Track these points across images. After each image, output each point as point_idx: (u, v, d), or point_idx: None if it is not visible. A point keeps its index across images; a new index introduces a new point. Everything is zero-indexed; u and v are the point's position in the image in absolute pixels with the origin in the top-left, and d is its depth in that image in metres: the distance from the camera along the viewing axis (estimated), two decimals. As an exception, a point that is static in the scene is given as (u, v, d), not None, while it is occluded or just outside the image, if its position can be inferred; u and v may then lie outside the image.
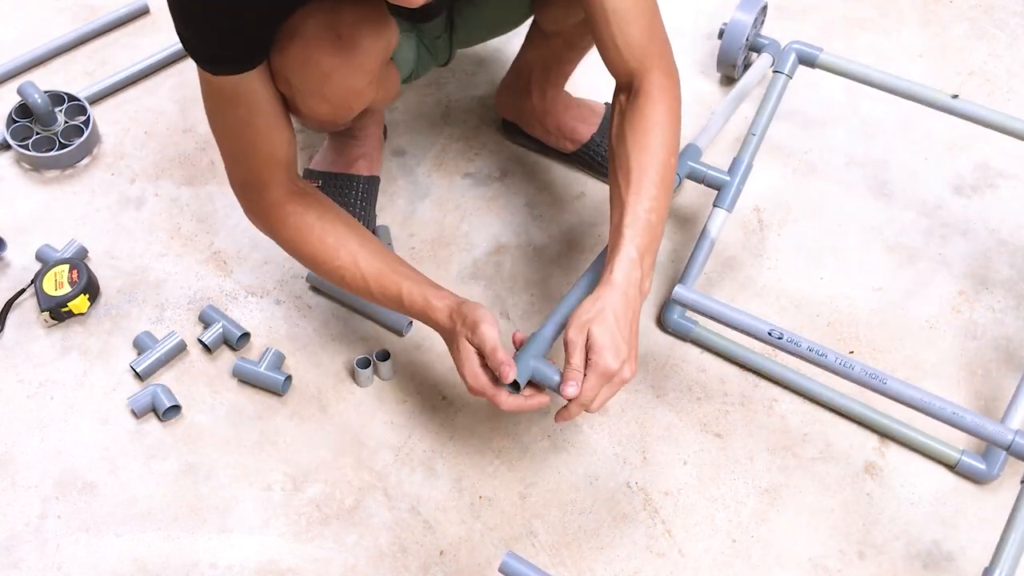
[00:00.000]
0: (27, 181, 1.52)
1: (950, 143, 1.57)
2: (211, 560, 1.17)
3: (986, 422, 1.06)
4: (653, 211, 1.09)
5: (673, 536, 1.19)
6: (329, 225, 1.15)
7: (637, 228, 1.08)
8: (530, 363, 1.08)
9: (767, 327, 1.14)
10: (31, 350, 1.33)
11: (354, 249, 1.15)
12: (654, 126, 1.12)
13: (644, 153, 1.11)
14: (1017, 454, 1.06)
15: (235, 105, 1.09)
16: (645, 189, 1.09)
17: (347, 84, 1.12)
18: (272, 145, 1.12)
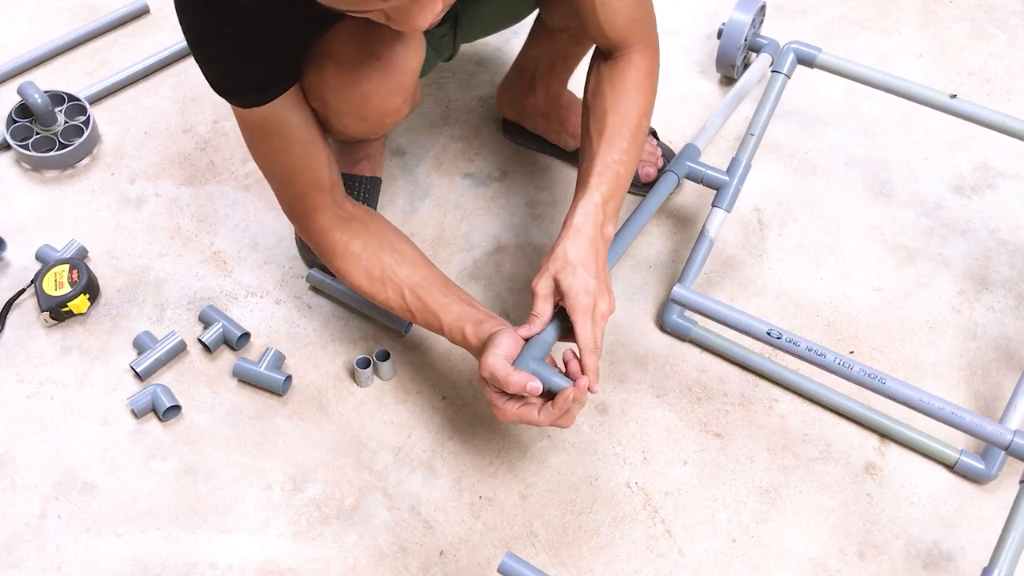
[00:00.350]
0: (27, 181, 1.52)
1: (950, 143, 1.57)
2: (211, 560, 1.17)
3: (985, 422, 1.06)
4: (622, 163, 1.12)
5: (673, 536, 1.19)
6: (374, 257, 1.17)
7: (604, 176, 1.11)
8: (530, 365, 1.07)
9: (765, 327, 1.14)
10: (31, 350, 1.33)
11: (400, 282, 1.16)
12: (632, 88, 1.15)
13: (619, 113, 1.14)
14: (1016, 454, 1.06)
15: (268, 135, 1.10)
16: (617, 143, 1.12)
17: (385, 104, 1.13)
18: (311, 171, 1.14)
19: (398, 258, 1.17)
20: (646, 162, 1.46)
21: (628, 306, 1.38)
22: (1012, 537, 1.00)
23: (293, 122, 1.09)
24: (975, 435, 1.07)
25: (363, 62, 1.07)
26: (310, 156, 1.13)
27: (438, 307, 1.14)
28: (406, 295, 1.16)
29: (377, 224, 1.20)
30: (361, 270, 1.17)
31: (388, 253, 1.17)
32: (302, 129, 1.10)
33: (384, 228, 1.21)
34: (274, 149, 1.12)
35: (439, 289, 1.16)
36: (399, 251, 1.18)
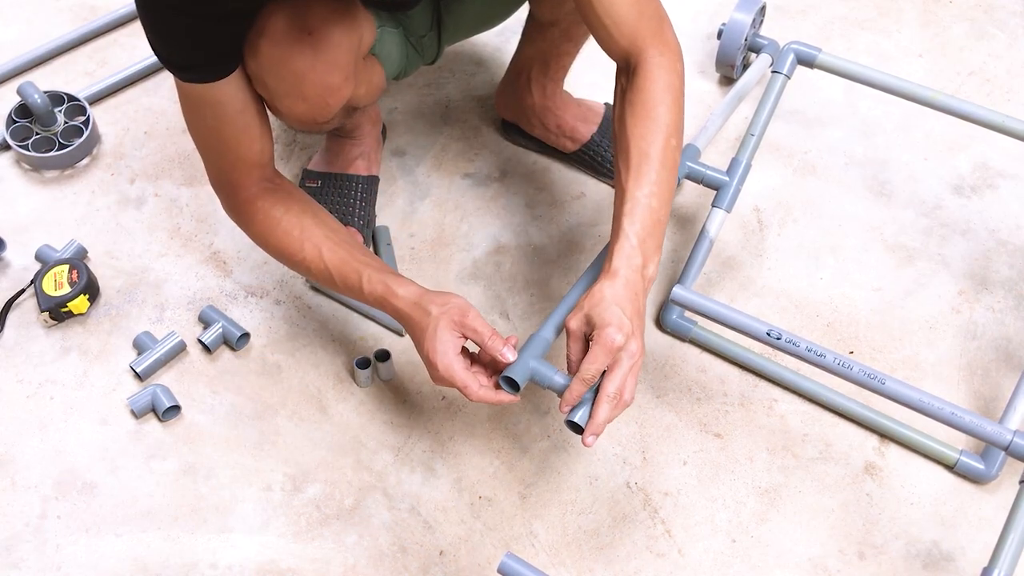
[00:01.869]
0: (27, 181, 1.52)
1: (950, 143, 1.57)
2: (211, 560, 1.17)
3: (984, 422, 1.06)
4: (654, 196, 1.07)
5: (673, 536, 1.19)
6: (295, 219, 1.15)
7: (636, 215, 1.06)
8: (529, 363, 1.07)
9: (765, 327, 1.14)
10: (31, 350, 1.33)
11: (318, 241, 1.14)
12: (653, 107, 1.10)
13: (644, 137, 1.09)
14: (1016, 454, 1.06)
15: (203, 111, 1.10)
16: (645, 174, 1.07)
17: (322, 81, 1.09)
18: (241, 149, 1.13)
19: (319, 222, 1.16)
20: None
21: (628, 306, 1.38)
22: (1012, 537, 1.00)
23: (229, 104, 1.08)
24: (975, 435, 1.07)
25: (296, 39, 1.05)
26: (241, 137, 1.12)
27: (357, 262, 1.13)
28: (324, 252, 1.14)
29: (301, 195, 1.19)
30: (281, 231, 1.15)
31: (310, 217, 1.16)
32: (238, 112, 1.09)
33: (309, 200, 1.19)
34: (206, 125, 1.12)
35: (360, 250, 1.15)
36: (320, 217, 1.17)
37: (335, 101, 1.13)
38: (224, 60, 1.05)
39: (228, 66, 1.05)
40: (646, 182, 1.07)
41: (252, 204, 1.16)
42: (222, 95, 1.07)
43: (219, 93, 1.07)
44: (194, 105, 1.10)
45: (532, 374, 1.07)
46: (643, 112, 1.09)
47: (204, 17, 0.99)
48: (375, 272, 1.12)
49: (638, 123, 1.09)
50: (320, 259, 1.14)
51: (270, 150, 1.17)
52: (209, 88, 1.06)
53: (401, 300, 1.10)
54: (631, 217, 1.06)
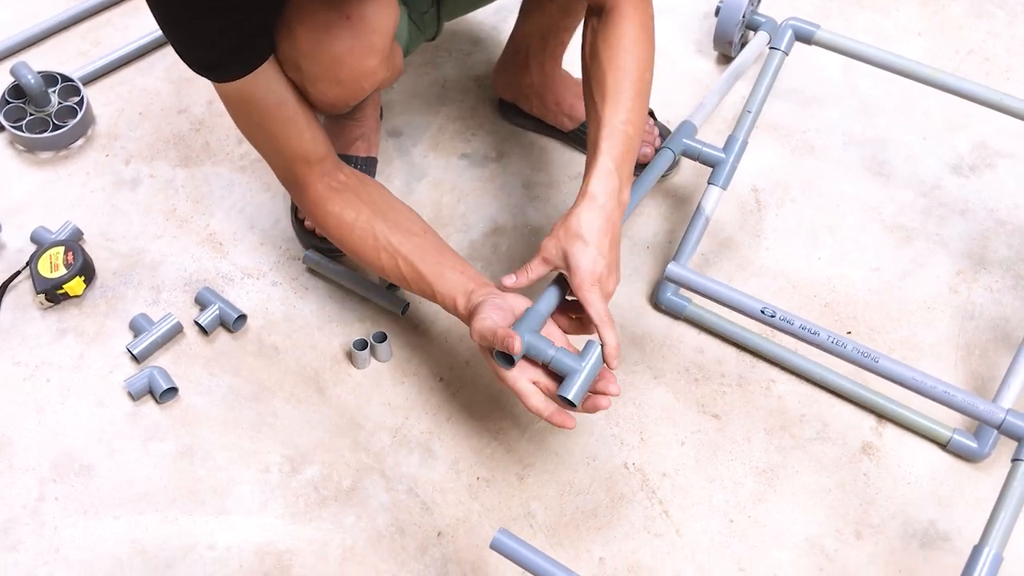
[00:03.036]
0: (21, 163, 1.51)
1: (949, 122, 1.57)
2: (209, 541, 1.17)
3: (977, 401, 1.06)
4: (629, 123, 1.11)
5: (670, 516, 1.19)
6: (367, 224, 1.16)
7: (614, 140, 1.10)
8: (524, 337, 1.06)
9: (759, 305, 1.14)
10: (27, 332, 1.33)
11: (393, 251, 1.15)
12: (628, 43, 1.13)
13: (619, 69, 1.12)
14: (1008, 433, 1.06)
15: (246, 110, 1.10)
16: (622, 103, 1.11)
17: (359, 66, 1.10)
18: (291, 144, 1.13)
19: (391, 226, 1.16)
20: (644, 142, 1.46)
21: (625, 287, 1.38)
22: (1003, 514, 1.00)
23: (268, 97, 1.08)
24: (968, 414, 1.07)
25: (333, 23, 1.05)
26: (290, 130, 1.12)
27: (431, 276, 1.14)
28: (400, 264, 1.15)
29: (369, 192, 1.20)
30: (356, 239, 1.17)
31: (381, 221, 1.16)
32: (279, 105, 1.10)
33: (376, 196, 1.20)
34: (253, 124, 1.13)
35: (432, 257, 1.15)
36: (392, 218, 1.17)
37: (370, 85, 1.15)
38: (248, 53, 1.05)
39: (253, 60, 1.05)
40: (623, 109, 1.11)
41: (323, 208, 1.18)
42: (256, 90, 1.07)
43: (253, 88, 1.07)
44: (235, 106, 1.11)
45: (527, 348, 1.06)
46: (619, 46, 1.13)
47: (221, 11, 0.98)
48: (447, 291, 1.13)
49: (615, 56, 1.13)
50: (397, 269, 1.16)
51: (323, 142, 1.17)
52: (243, 85, 1.06)
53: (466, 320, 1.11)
54: (609, 142, 1.10)
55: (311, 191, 1.18)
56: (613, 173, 1.09)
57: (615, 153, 1.10)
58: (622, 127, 1.11)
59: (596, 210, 1.08)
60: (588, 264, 1.06)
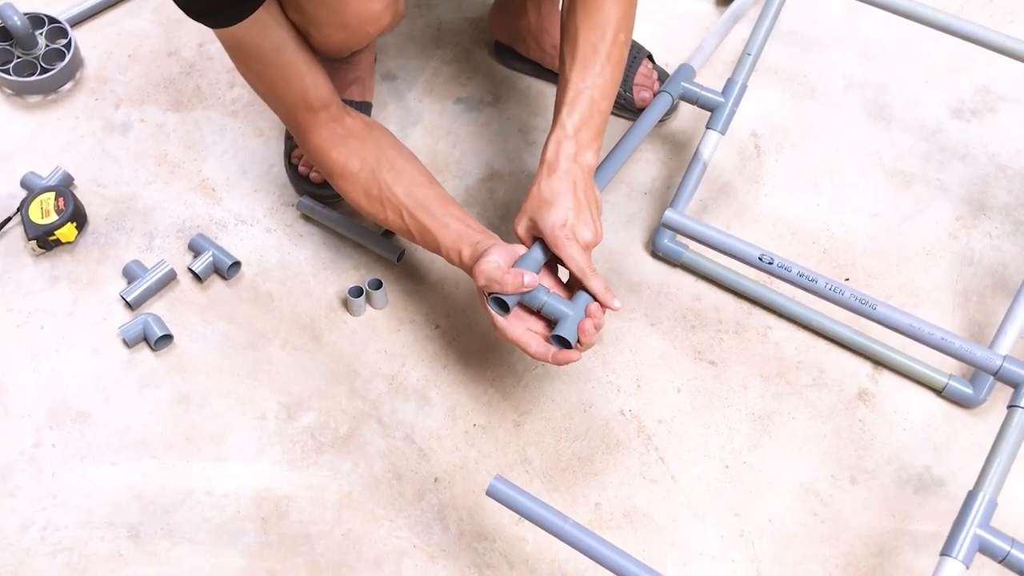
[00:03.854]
0: (9, 107, 1.48)
1: (951, 65, 1.54)
2: (207, 488, 1.17)
3: (974, 347, 1.06)
4: (596, 87, 1.09)
5: (666, 463, 1.20)
6: (372, 176, 1.15)
7: (576, 104, 1.09)
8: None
9: (757, 252, 1.13)
10: (19, 279, 1.32)
11: (398, 203, 1.14)
12: (604, 2, 1.10)
13: (592, 29, 1.10)
14: (1005, 379, 1.06)
15: (245, 57, 1.08)
16: (590, 67, 1.09)
17: (365, 10, 1.09)
18: (295, 90, 1.11)
19: (396, 176, 1.15)
20: (642, 86, 1.44)
21: (622, 233, 1.37)
22: (997, 460, 1.00)
23: (265, 43, 1.06)
24: (965, 360, 1.07)
25: None
26: (290, 75, 1.10)
27: (436, 229, 1.13)
28: (405, 217, 1.14)
29: (375, 138, 1.18)
30: (360, 190, 1.16)
31: (386, 171, 1.15)
32: (276, 49, 1.07)
33: (382, 142, 1.18)
34: (252, 71, 1.11)
35: (437, 209, 1.14)
36: (397, 168, 1.16)
37: (375, 29, 1.14)
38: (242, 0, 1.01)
39: (248, 5, 1.01)
40: (590, 74, 1.09)
41: (326, 155, 1.16)
42: (253, 36, 1.05)
43: (249, 34, 1.04)
44: (234, 53, 1.09)
45: (521, 295, 1.06)
46: (593, 4, 1.10)
47: None
48: (452, 243, 1.12)
49: (588, 15, 1.10)
50: (401, 220, 1.15)
51: (326, 87, 1.14)
52: (239, 31, 1.03)
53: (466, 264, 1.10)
54: (570, 108, 1.09)
55: (315, 138, 1.15)
56: (571, 139, 1.08)
57: (575, 118, 1.09)
58: (588, 91, 1.09)
59: (555, 175, 1.07)
60: (558, 219, 1.05)
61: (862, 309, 1.09)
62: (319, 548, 1.14)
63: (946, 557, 0.95)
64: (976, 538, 0.95)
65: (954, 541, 0.96)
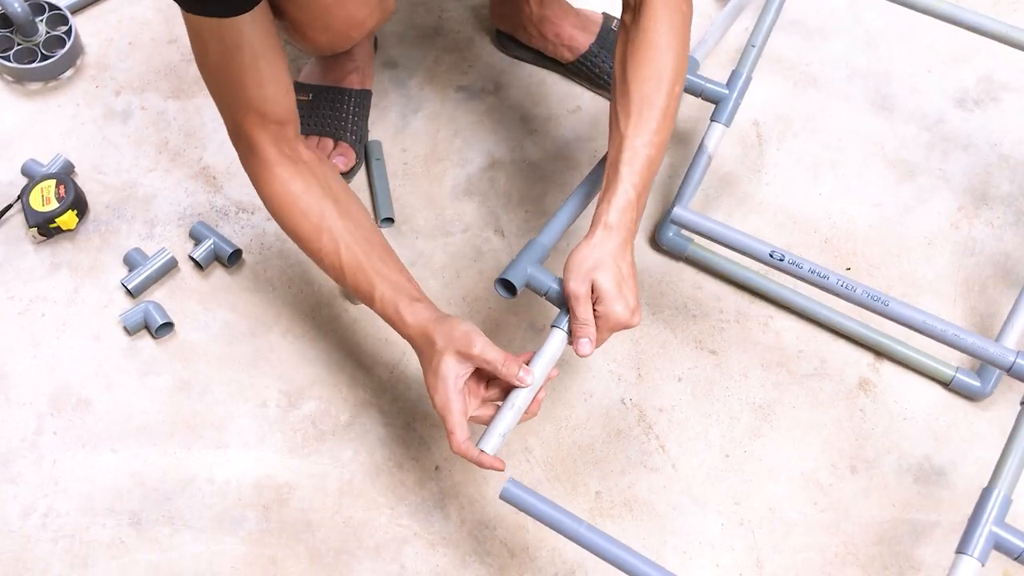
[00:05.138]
0: (10, 94, 1.48)
1: (954, 55, 1.54)
2: (208, 475, 1.17)
3: (987, 344, 1.06)
4: (652, 145, 1.03)
5: (667, 451, 1.20)
6: (315, 201, 1.05)
7: (635, 166, 1.02)
8: (527, 269, 1.06)
9: (768, 248, 1.12)
10: (20, 267, 1.32)
11: (337, 234, 1.05)
12: (658, 51, 1.04)
13: (645, 82, 1.03)
14: (1018, 375, 1.05)
15: (208, 46, 0.99)
16: (645, 122, 1.03)
17: (349, 15, 1.07)
18: (249, 91, 1.01)
19: (341, 211, 1.06)
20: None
21: (624, 222, 1.37)
22: (1012, 457, 0.99)
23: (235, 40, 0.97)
24: (978, 356, 1.06)
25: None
26: (247, 76, 1.00)
27: (373, 271, 1.04)
28: (341, 250, 1.05)
29: (325, 173, 1.09)
30: (298, 211, 1.05)
31: (331, 203, 1.06)
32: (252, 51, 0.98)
33: (332, 179, 1.10)
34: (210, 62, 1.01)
35: (378, 253, 1.06)
36: (343, 204, 1.07)
37: (358, 33, 1.11)
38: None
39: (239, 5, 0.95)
40: (645, 131, 1.03)
41: (269, 170, 1.05)
42: (231, 31, 0.96)
43: (227, 29, 0.96)
44: (198, 37, 1.00)
45: (528, 279, 1.05)
46: (647, 56, 1.04)
47: None
48: (388, 290, 1.04)
49: (640, 68, 1.04)
50: (336, 255, 1.05)
51: (286, 107, 1.05)
52: (216, 22, 0.96)
53: (410, 328, 1.02)
54: (631, 167, 1.02)
55: (260, 152, 1.05)
56: (633, 204, 1.01)
57: (636, 181, 1.01)
58: (644, 149, 1.02)
59: (617, 241, 1.00)
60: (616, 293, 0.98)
61: (874, 306, 1.08)
62: (320, 535, 1.14)
63: (962, 555, 0.95)
64: (991, 535, 0.95)
65: (970, 539, 0.95)
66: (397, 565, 1.13)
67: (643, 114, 1.03)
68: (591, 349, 1.00)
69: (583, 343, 1.00)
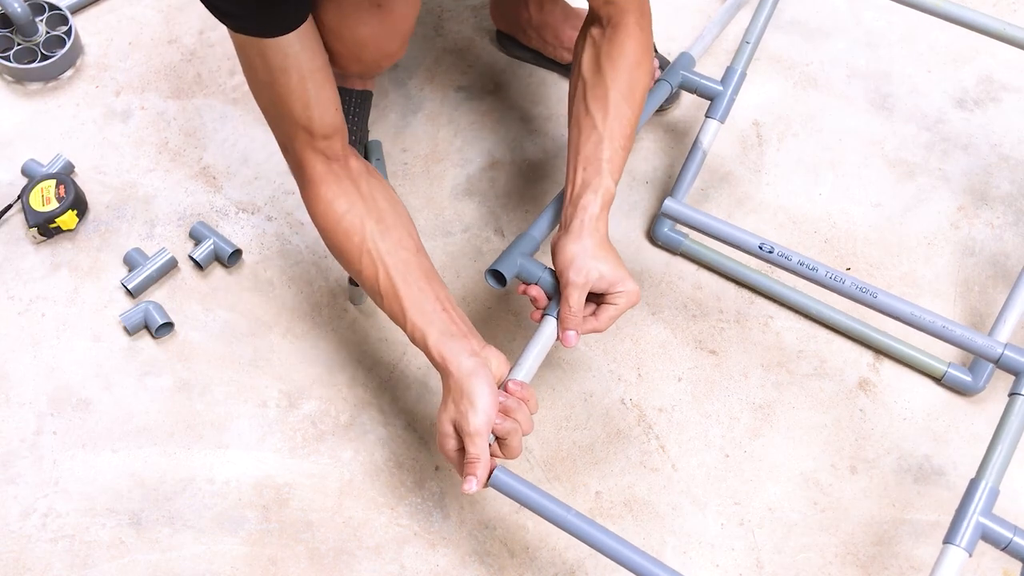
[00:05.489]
0: (10, 94, 1.48)
1: (954, 55, 1.54)
2: (208, 475, 1.17)
3: (975, 335, 1.06)
4: (625, 148, 1.10)
5: (667, 451, 1.20)
6: (358, 220, 1.06)
7: (615, 164, 1.08)
8: (517, 260, 1.09)
9: (757, 241, 1.13)
10: (20, 267, 1.32)
11: (376, 256, 1.06)
12: (633, 63, 1.11)
13: (623, 86, 1.10)
14: (1006, 367, 1.06)
15: (254, 63, 1.01)
16: (621, 126, 1.10)
17: (381, 49, 1.12)
18: (295, 110, 1.03)
19: (383, 230, 1.07)
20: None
21: (624, 222, 1.37)
22: (999, 448, 1.00)
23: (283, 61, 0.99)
24: (965, 348, 1.07)
25: (363, 8, 1.05)
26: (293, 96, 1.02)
27: (407, 299, 1.04)
28: (379, 274, 1.05)
29: (372, 188, 1.10)
30: (341, 231, 1.07)
31: (374, 222, 1.07)
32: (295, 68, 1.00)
33: (378, 195, 1.10)
34: (258, 79, 1.03)
35: (416, 280, 1.06)
36: (387, 223, 1.08)
37: (388, 63, 1.17)
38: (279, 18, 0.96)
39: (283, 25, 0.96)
40: (620, 135, 1.09)
41: (316, 188, 1.07)
42: (274, 51, 0.97)
43: (270, 49, 0.97)
44: (244, 55, 1.01)
45: (519, 270, 1.09)
46: (624, 64, 1.11)
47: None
48: (418, 319, 1.04)
49: (619, 74, 1.11)
50: (375, 279, 1.06)
51: (332, 121, 1.06)
52: (260, 42, 0.97)
53: (437, 364, 1.03)
54: (611, 165, 1.08)
55: (308, 169, 1.07)
56: (612, 196, 1.08)
57: (616, 176, 1.08)
58: (622, 150, 1.09)
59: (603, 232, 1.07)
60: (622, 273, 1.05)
61: (863, 298, 1.09)
62: (320, 535, 1.14)
63: (949, 545, 0.95)
64: (979, 526, 0.95)
65: (957, 529, 0.96)
66: (397, 565, 1.13)
67: (620, 119, 1.10)
68: (576, 340, 1.05)
69: (570, 335, 1.05)
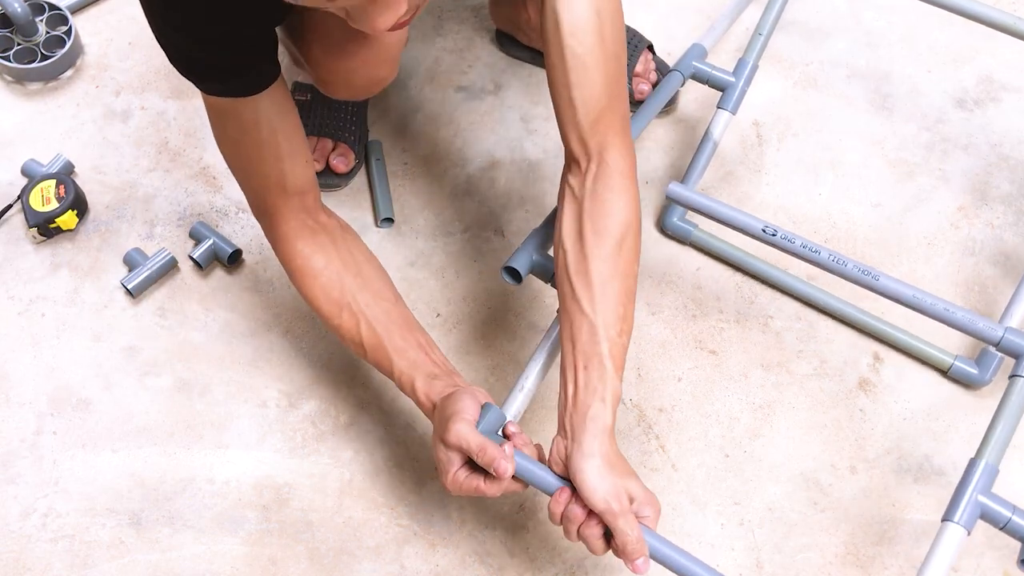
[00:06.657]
0: (10, 94, 1.48)
1: (954, 55, 1.54)
2: (208, 475, 1.17)
3: (977, 318, 1.05)
4: (624, 333, 0.97)
5: (667, 451, 1.20)
6: (336, 276, 1.05)
7: (617, 354, 0.96)
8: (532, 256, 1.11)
9: (760, 224, 1.12)
10: (20, 267, 1.32)
11: (357, 310, 1.04)
12: (619, 227, 0.98)
13: (608, 264, 0.97)
14: (1007, 350, 1.05)
15: (224, 123, 1.01)
16: (613, 307, 0.96)
17: (371, 75, 1.12)
18: (266, 167, 1.03)
19: (361, 284, 1.06)
20: (641, 78, 1.43)
21: (624, 222, 1.37)
22: (999, 428, 0.99)
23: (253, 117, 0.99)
24: (966, 331, 1.06)
25: (351, 38, 1.04)
26: (264, 153, 1.02)
27: (392, 349, 1.03)
28: (361, 327, 1.04)
29: (347, 242, 1.09)
30: (319, 287, 1.06)
31: (352, 276, 1.06)
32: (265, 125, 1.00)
33: (354, 248, 1.09)
34: (228, 137, 1.02)
35: (398, 329, 1.04)
36: (364, 276, 1.07)
37: (378, 88, 1.17)
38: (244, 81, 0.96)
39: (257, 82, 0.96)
40: (613, 319, 0.96)
41: (291, 244, 1.06)
42: (246, 109, 0.98)
43: (241, 108, 0.97)
44: (215, 115, 1.02)
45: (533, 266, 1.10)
46: (608, 231, 0.98)
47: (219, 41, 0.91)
48: (406, 368, 1.02)
49: (604, 242, 0.98)
50: (357, 333, 1.04)
51: (305, 177, 1.06)
52: (231, 101, 0.97)
53: (425, 407, 1.01)
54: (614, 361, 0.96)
55: (282, 223, 1.06)
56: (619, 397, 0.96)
57: (620, 373, 0.96)
58: (618, 340, 0.96)
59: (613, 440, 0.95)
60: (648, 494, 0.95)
61: (865, 280, 1.08)
62: (320, 536, 1.14)
63: (948, 522, 0.94)
64: (977, 504, 0.95)
65: (956, 506, 0.95)
66: (397, 565, 1.13)
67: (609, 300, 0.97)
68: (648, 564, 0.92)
69: (639, 563, 0.91)
